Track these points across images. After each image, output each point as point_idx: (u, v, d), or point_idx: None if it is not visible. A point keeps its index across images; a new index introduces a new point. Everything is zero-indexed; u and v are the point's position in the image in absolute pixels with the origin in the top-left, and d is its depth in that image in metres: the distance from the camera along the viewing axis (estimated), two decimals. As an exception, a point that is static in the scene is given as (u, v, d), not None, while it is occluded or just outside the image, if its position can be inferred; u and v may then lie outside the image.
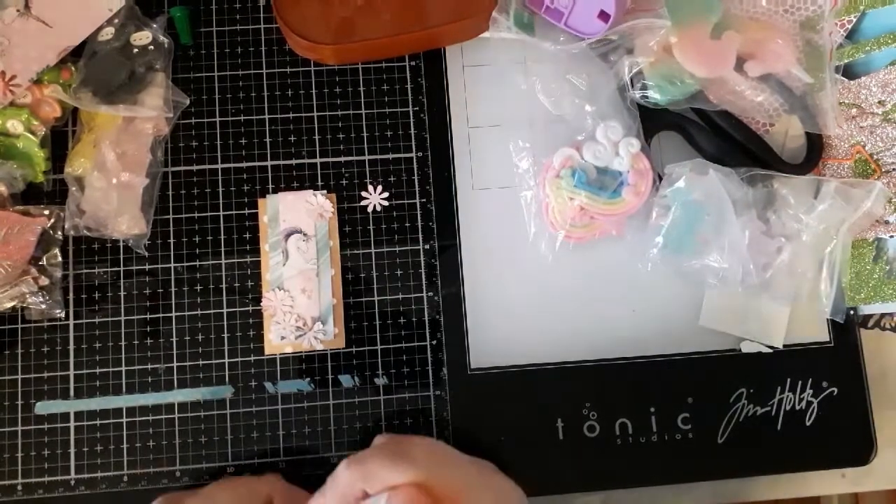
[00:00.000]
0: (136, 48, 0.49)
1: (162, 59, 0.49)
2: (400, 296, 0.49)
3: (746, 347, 0.49)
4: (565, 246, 0.50)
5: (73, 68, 0.49)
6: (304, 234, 0.47)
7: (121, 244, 0.48)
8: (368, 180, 0.50)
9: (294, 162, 0.50)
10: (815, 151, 0.50)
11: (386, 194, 0.50)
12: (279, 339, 0.47)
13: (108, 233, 0.47)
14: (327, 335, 0.47)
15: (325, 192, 0.49)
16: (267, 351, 0.47)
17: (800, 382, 0.49)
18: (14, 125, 0.47)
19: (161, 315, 0.48)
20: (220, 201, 0.49)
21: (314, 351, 0.48)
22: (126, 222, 0.47)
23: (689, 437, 0.48)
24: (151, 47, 0.49)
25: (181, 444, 0.47)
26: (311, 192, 0.49)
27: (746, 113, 0.51)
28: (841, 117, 0.50)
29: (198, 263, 0.48)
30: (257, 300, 0.48)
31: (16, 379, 0.47)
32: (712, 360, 0.49)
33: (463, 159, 0.51)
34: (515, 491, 0.42)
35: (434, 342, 0.49)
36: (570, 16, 0.49)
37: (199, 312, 0.48)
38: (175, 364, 0.47)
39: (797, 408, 0.49)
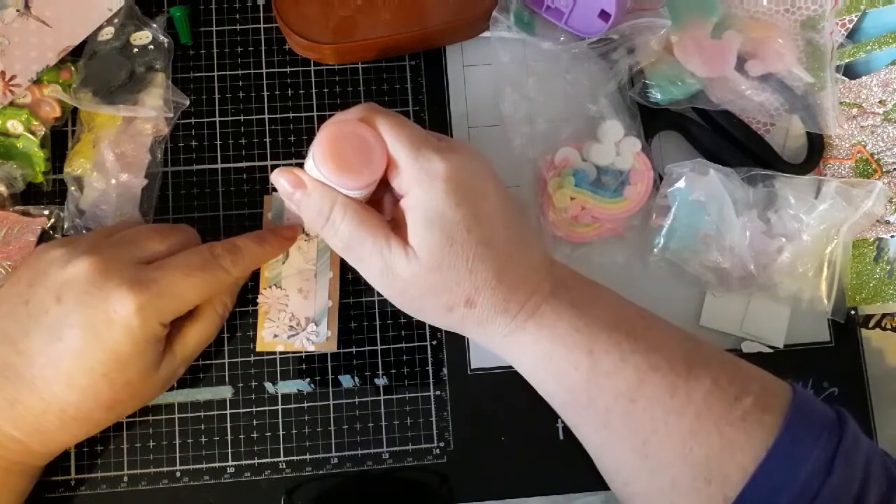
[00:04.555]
0: (136, 48, 0.49)
1: (162, 58, 0.49)
2: (400, 296, 0.49)
3: (747, 347, 0.49)
4: (566, 246, 0.49)
5: (72, 68, 0.49)
6: (306, 235, 0.47)
7: (121, 244, 0.48)
8: (368, 180, 0.50)
9: (294, 162, 0.50)
10: (815, 151, 0.50)
11: (386, 194, 0.50)
12: (271, 336, 0.46)
13: (107, 233, 0.47)
14: (319, 337, 0.47)
15: None
16: (258, 348, 0.47)
17: (800, 382, 0.49)
18: (14, 125, 0.47)
19: (161, 315, 0.48)
20: (220, 201, 0.49)
21: (305, 352, 0.48)
22: (126, 222, 0.47)
23: (689, 437, 0.48)
24: (151, 47, 0.49)
25: (181, 444, 0.47)
26: None
27: (747, 112, 0.51)
28: (842, 117, 0.50)
29: (198, 263, 0.48)
30: (257, 300, 0.48)
31: (16, 379, 0.47)
32: (713, 360, 0.49)
33: (463, 159, 0.51)
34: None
35: (434, 342, 0.49)
36: (570, 15, 0.49)
37: (199, 312, 0.48)
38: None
39: (798, 408, 0.49)
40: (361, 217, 0.39)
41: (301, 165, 0.40)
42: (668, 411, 0.38)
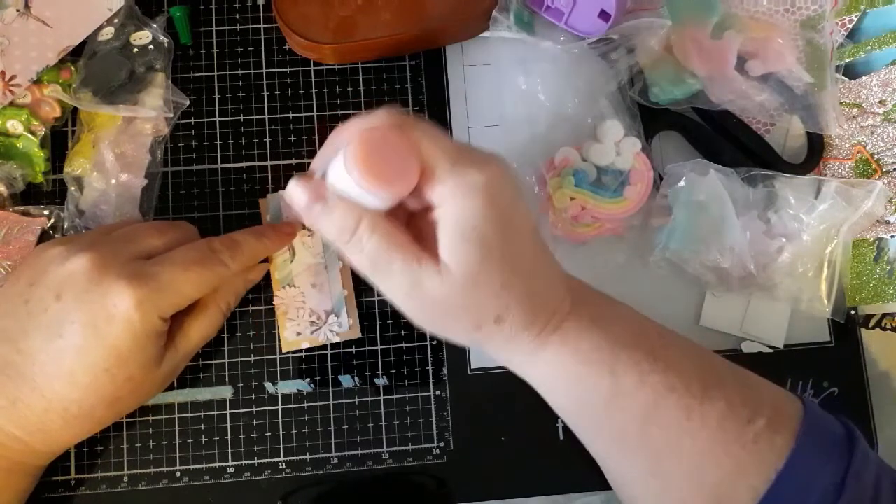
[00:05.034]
0: (136, 48, 0.49)
1: (162, 58, 0.49)
2: (400, 296, 0.49)
3: (747, 347, 0.49)
4: (566, 246, 0.49)
5: (72, 68, 0.49)
6: (308, 230, 0.47)
7: (121, 244, 0.48)
8: (368, 180, 0.50)
9: (294, 162, 0.50)
10: (815, 151, 0.50)
11: (386, 194, 0.50)
12: (294, 335, 0.46)
13: (107, 233, 0.47)
14: (342, 327, 0.47)
15: None
16: (284, 348, 0.47)
17: (801, 382, 0.49)
18: (14, 125, 0.47)
19: (161, 315, 0.48)
20: (220, 201, 0.49)
21: (330, 346, 0.48)
22: (126, 222, 0.47)
23: (689, 437, 0.48)
24: (151, 47, 0.49)
25: (181, 445, 0.47)
26: None
27: (747, 112, 0.51)
28: (842, 117, 0.50)
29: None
30: (259, 300, 0.48)
31: (16, 379, 0.47)
32: (713, 360, 0.49)
33: (463, 159, 0.51)
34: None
35: (434, 342, 0.49)
36: (570, 15, 0.49)
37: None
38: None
39: (798, 408, 0.49)
40: (390, 234, 0.36)
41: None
42: (683, 433, 0.37)
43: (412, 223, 0.39)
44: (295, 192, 0.37)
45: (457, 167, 0.36)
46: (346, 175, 0.35)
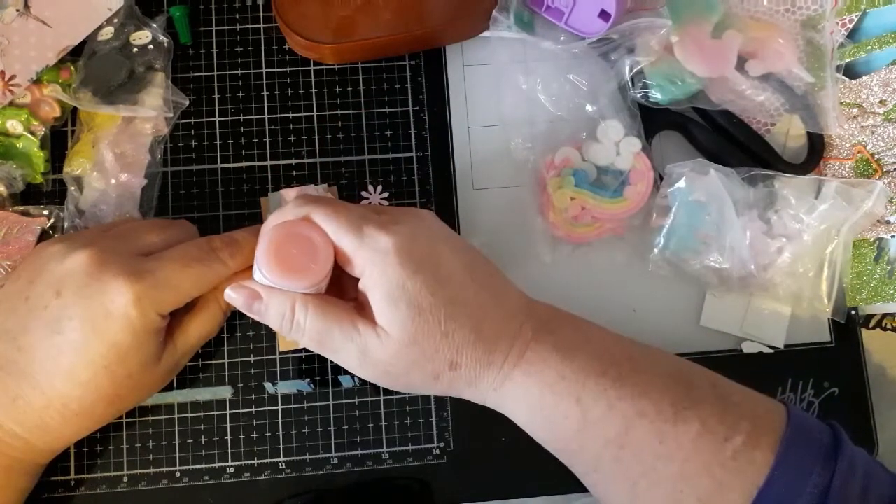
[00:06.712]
0: (136, 48, 0.49)
1: (161, 58, 0.49)
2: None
3: (747, 347, 0.49)
4: (566, 246, 0.49)
5: (72, 68, 0.49)
6: None
7: (120, 244, 0.48)
8: (368, 180, 0.50)
9: (294, 162, 0.50)
10: (816, 151, 0.50)
11: (386, 194, 0.50)
12: None
13: (107, 233, 0.47)
14: None
15: (325, 185, 0.49)
16: (282, 347, 0.47)
17: (801, 383, 0.49)
18: (13, 125, 0.47)
19: (161, 315, 0.48)
20: (220, 201, 0.49)
21: None
22: (126, 222, 0.47)
23: (689, 437, 0.48)
24: (151, 47, 0.49)
25: (181, 445, 0.47)
26: (311, 186, 0.48)
27: (748, 112, 0.51)
28: (842, 117, 0.50)
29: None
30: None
31: (15, 379, 0.47)
32: (713, 361, 0.49)
33: (463, 159, 0.51)
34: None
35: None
36: (570, 15, 0.49)
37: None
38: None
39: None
40: (324, 310, 0.38)
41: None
42: (657, 456, 0.37)
43: (359, 291, 0.40)
44: (233, 300, 0.40)
45: (363, 238, 0.38)
46: (262, 275, 0.38)
